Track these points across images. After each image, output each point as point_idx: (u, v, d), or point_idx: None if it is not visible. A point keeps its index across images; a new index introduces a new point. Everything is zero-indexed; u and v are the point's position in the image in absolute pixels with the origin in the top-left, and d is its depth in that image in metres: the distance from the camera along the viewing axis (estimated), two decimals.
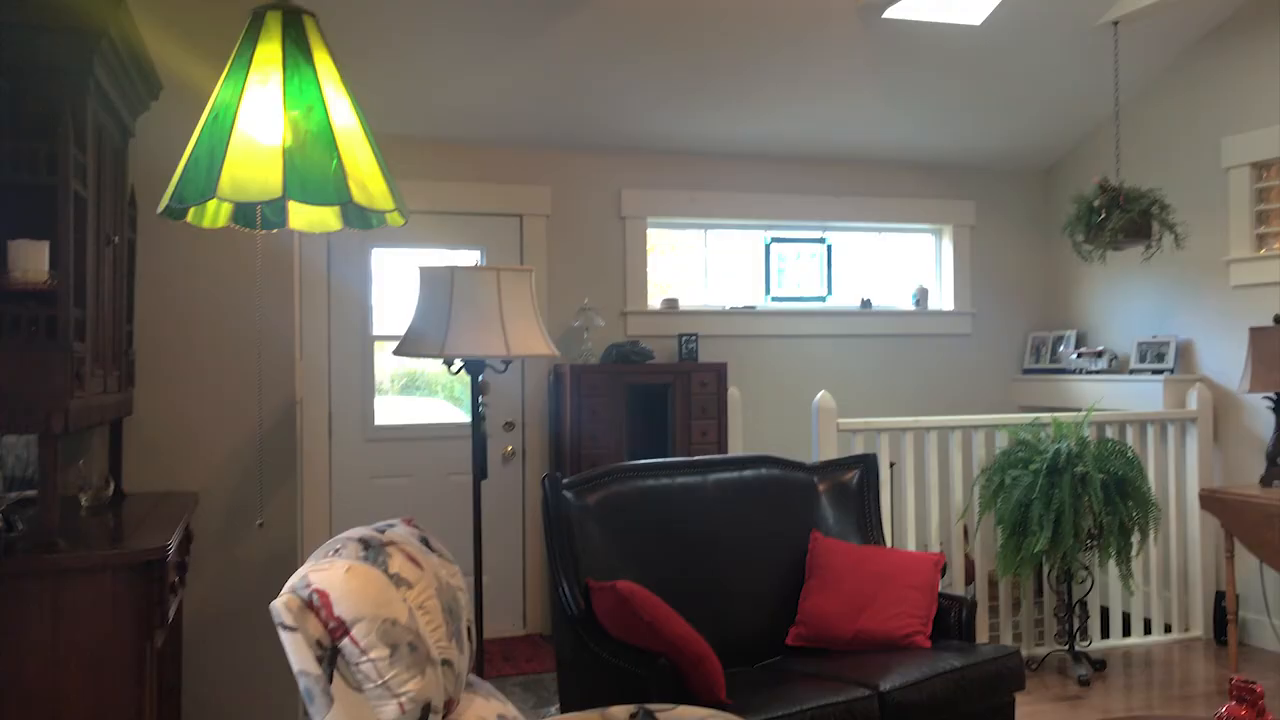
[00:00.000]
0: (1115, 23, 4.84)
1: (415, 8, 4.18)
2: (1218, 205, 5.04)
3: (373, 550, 2.16)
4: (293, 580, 2.02)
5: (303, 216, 1.61)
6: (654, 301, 5.55)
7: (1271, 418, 4.49)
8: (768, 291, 5.81)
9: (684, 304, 5.59)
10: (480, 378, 3.42)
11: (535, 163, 5.29)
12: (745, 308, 5.68)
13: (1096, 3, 4.76)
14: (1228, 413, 5.01)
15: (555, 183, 5.32)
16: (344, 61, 4.36)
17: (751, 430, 5.41)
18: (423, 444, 5.14)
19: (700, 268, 5.77)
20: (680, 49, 4.64)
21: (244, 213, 1.65)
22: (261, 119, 1.45)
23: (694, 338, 5.35)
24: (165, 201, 1.59)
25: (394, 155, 4.90)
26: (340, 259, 4.97)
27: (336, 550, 2.16)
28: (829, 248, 5.91)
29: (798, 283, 5.88)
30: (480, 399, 3.48)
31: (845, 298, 5.94)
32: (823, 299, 5.89)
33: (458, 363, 3.30)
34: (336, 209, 1.52)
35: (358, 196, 1.47)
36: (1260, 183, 4.91)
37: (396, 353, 3.33)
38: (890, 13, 4.57)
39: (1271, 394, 4.45)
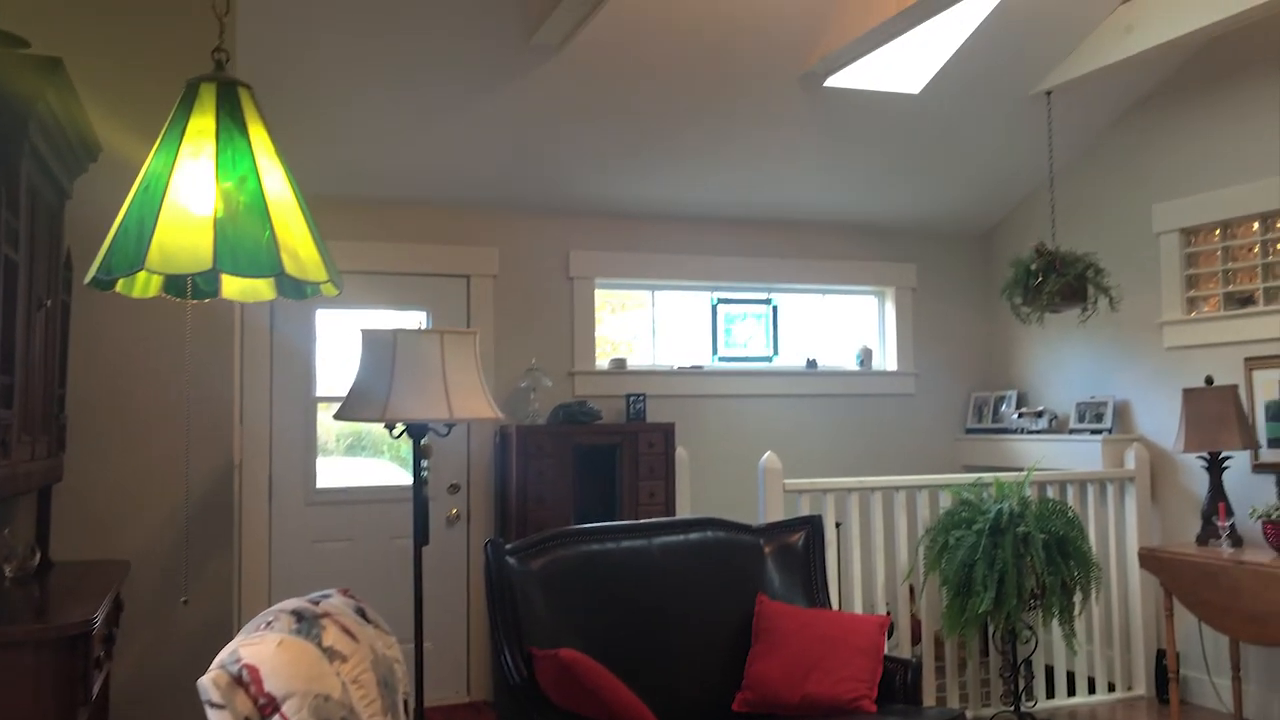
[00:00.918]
0: (1048, 93, 5.00)
1: (362, 70, 4.20)
2: (1150, 269, 5.18)
3: (306, 622, 2.11)
4: (222, 655, 1.96)
5: (236, 286, 1.59)
6: (602, 362, 5.55)
7: (1206, 477, 4.59)
8: (715, 352, 5.85)
9: (632, 364, 5.60)
10: (423, 441, 3.39)
11: (483, 224, 5.31)
12: (693, 368, 5.71)
13: (1030, 73, 4.91)
14: (1164, 472, 5.11)
15: (503, 244, 5.33)
16: (287, 125, 4.34)
17: (699, 490, 5.40)
18: (366, 507, 5.06)
19: (648, 327, 5.79)
20: (629, 113, 4.70)
21: (175, 283, 1.63)
22: (193, 190, 1.44)
23: (642, 398, 5.35)
24: (92, 273, 1.57)
25: (340, 217, 4.94)
26: (284, 320, 4.92)
27: (269, 623, 2.11)
28: (775, 308, 5.98)
29: (744, 343, 5.93)
30: (423, 463, 3.44)
31: (791, 358, 5.99)
32: (769, 359, 5.94)
33: (400, 426, 3.26)
34: (270, 280, 1.50)
35: (290, 268, 1.46)
36: (1189, 248, 5.06)
37: (337, 416, 3.28)
38: (831, 81, 4.68)
39: (1205, 454, 4.54)
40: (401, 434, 3.34)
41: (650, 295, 5.79)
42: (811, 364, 5.95)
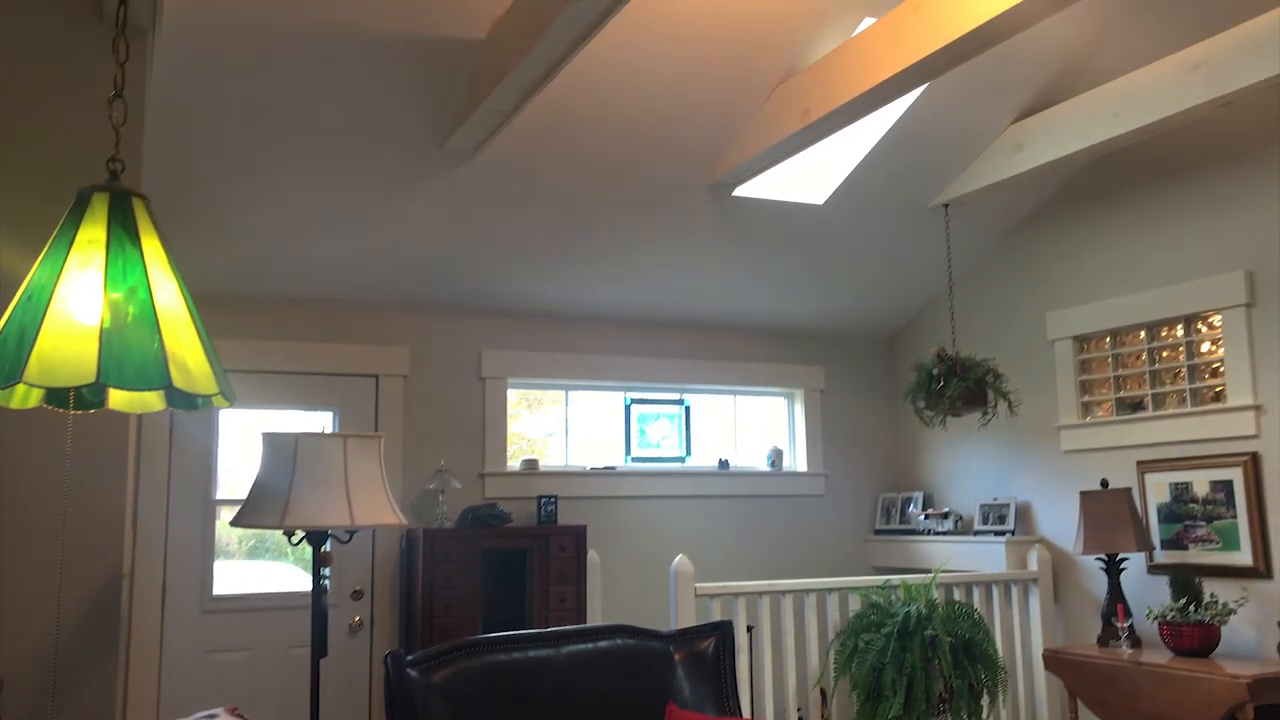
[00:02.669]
0: (946, 205, 5.21)
1: (273, 169, 4.19)
2: (1046, 375, 5.37)
3: None
4: None
5: (123, 397, 1.55)
6: (514, 463, 5.50)
7: (1105, 578, 4.69)
8: (628, 452, 5.84)
9: (544, 464, 5.56)
10: (324, 548, 3.30)
11: (394, 323, 5.27)
12: (606, 468, 5.68)
13: (928, 187, 5.13)
14: (1066, 573, 5.21)
15: (414, 343, 5.30)
16: (195, 222, 4.28)
17: (611, 594, 5.34)
18: (265, 614, 4.87)
19: (561, 427, 5.77)
20: (542, 215, 4.76)
21: (57, 394, 1.58)
22: (80, 300, 1.40)
23: (554, 499, 5.30)
24: None
25: (248, 315, 4.87)
26: (185, 420, 4.78)
27: None
28: (687, 409, 6.02)
29: (658, 443, 5.94)
30: (323, 571, 3.34)
31: (704, 458, 6.02)
32: (682, 460, 5.95)
33: (299, 533, 3.18)
34: (159, 391, 1.46)
35: (178, 381, 1.42)
36: (1082, 355, 5.26)
37: (234, 523, 3.19)
38: (739, 191, 4.82)
39: (1103, 555, 4.66)
40: (301, 541, 3.25)
41: (564, 394, 5.79)
42: (724, 464, 5.98)
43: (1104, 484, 4.77)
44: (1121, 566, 4.66)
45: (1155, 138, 4.54)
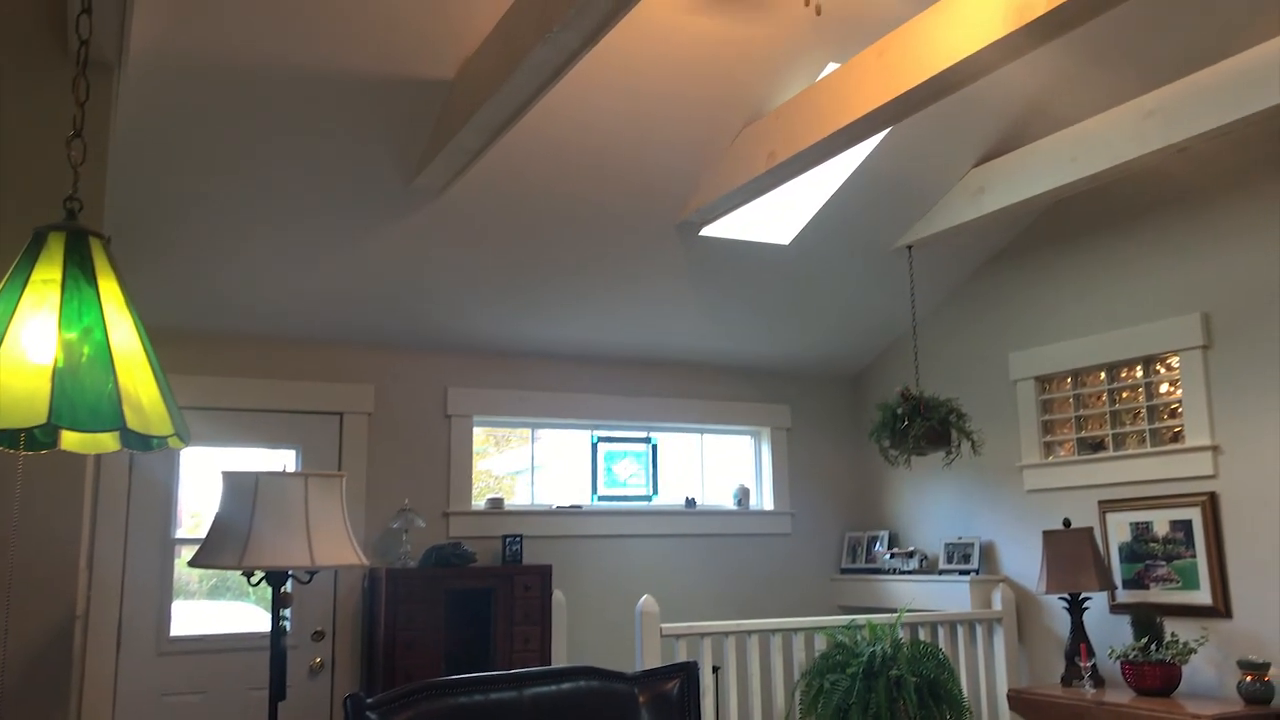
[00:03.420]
0: (909, 247, 5.27)
1: (238, 206, 4.18)
2: (1009, 415, 5.42)
3: None
4: None
5: (76, 438, 1.53)
6: (479, 501, 5.47)
7: (1068, 617, 4.72)
8: (595, 490, 5.82)
9: (510, 503, 5.53)
10: (284, 589, 3.25)
11: (358, 360, 5.24)
12: (572, 507, 5.66)
13: (892, 228, 5.19)
14: (1030, 612, 5.23)
15: (379, 381, 5.27)
16: (159, 259, 4.26)
17: (577, 634, 5.30)
18: (224, 656, 4.78)
19: (528, 465, 5.75)
20: (509, 253, 4.77)
21: (7, 435, 1.56)
22: (33, 340, 1.39)
23: (519, 539, 5.26)
24: None
25: (211, 352, 4.83)
26: (144, 459, 4.72)
27: None
28: (654, 447, 6.02)
29: (625, 481, 5.93)
30: (283, 612, 3.29)
31: (671, 496, 6.01)
32: (649, 498, 5.94)
33: (258, 573, 3.13)
34: (113, 433, 1.45)
35: (132, 422, 1.41)
36: (1044, 395, 5.32)
37: (192, 563, 3.14)
38: (707, 230, 4.86)
39: (1066, 595, 4.68)
40: (260, 581, 3.21)
41: (530, 433, 5.77)
42: (690, 503, 5.98)
43: (1066, 523, 4.81)
44: (1084, 606, 4.69)
45: (1113, 182, 4.63)
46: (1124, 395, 4.98)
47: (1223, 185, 4.53)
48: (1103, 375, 5.05)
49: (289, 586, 3.33)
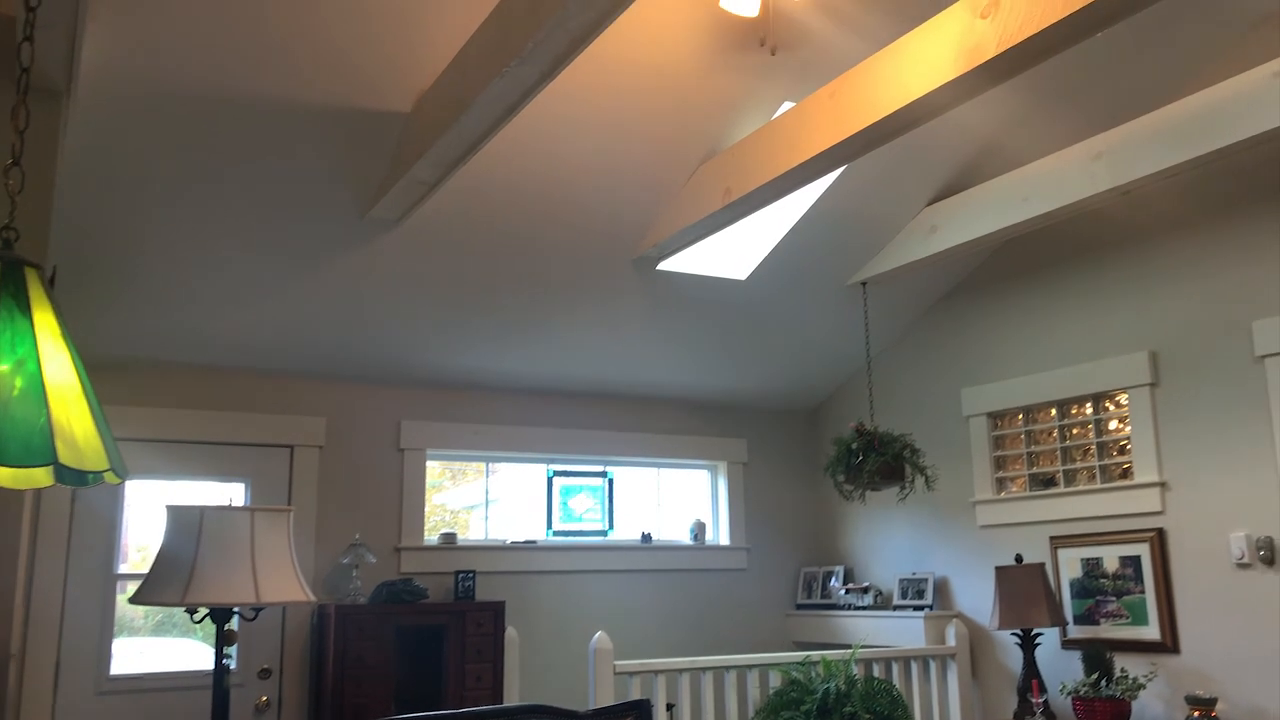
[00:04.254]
0: (864, 283, 5.32)
1: (188, 234, 4.12)
2: (962, 450, 5.47)
3: None
4: None
5: (6, 473, 1.49)
6: (432, 536, 5.40)
7: (1020, 653, 4.74)
8: (550, 525, 5.77)
9: (463, 538, 5.47)
10: (229, 626, 3.18)
11: (310, 393, 5.17)
12: (526, 542, 5.60)
13: (847, 265, 5.24)
14: (983, 648, 5.25)
15: (331, 413, 5.20)
16: (108, 288, 4.18)
17: (531, 671, 5.23)
18: (165, 695, 4.66)
19: (482, 499, 5.69)
20: (464, 286, 4.75)
21: None
22: None
23: (471, 575, 5.19)
24: None
25: (159, 383, 4.74)
26: (87, 492, 4.60)
27: None
28: (610, 481, 5.99)
29: (580, 516, 5.88)
30: (226, 650, 3.21)
31: (627, 531, 5.97)
32: (604, 533, 5.90)
33: (202, 610, 3.06)
34: (47, 468, 1.41)
35: (65, 456, 1.37)
36: (996, 431, 5.37)
37: (133, 600, 3.06)
38: (663, 265, 4.87)
39: (1018, 630, 4.71)
40: (204, 618, 3.13)
41: (484, 466, 5.72)
42: (646, 538, 5.94)
43: (1018, 559, 4.84)
44: (1036, 642, 4.71)
45: (1062, 222, 4.71)
46: (1074, 432, 5.04)
47: (1167, 226, 4.63)
48: (1053, 412, 5.11)
49: (234, 624, 3.26)
